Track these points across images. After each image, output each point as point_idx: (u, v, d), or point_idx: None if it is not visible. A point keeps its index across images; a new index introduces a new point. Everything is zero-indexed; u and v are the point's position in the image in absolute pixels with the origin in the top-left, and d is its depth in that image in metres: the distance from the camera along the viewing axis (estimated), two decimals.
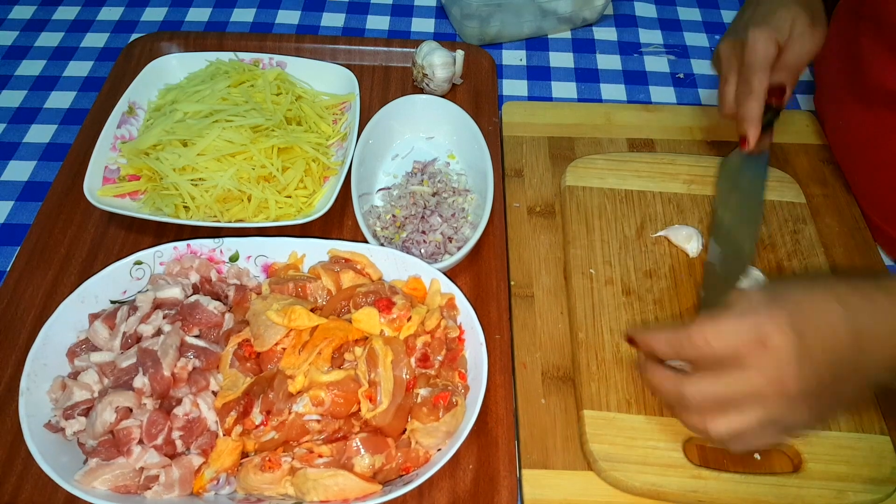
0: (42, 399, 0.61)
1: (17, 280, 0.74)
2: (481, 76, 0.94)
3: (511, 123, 0.90)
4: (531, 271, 0.76)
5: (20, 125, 0.92)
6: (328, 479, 0.56)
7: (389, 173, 0.85)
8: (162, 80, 0.88)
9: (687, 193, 0.81)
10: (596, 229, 0.78)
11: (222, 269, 0.71)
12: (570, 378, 0.69)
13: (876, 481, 0.61)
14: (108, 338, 0.64)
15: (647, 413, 0.65)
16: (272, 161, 0.78)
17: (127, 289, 0.68)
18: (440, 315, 0.65)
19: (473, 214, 0.79)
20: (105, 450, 0.58)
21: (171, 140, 0.77)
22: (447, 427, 0.60)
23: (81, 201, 0.77)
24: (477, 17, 0.99)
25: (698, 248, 0.76)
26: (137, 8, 1.09)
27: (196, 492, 0.58)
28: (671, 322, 0.71)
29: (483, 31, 1.01)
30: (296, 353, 0.61)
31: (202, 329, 0.65)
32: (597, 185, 0.81)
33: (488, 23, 1.00)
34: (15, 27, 1.05)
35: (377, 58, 0.97)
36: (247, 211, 0.76)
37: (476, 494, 0.62)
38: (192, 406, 0.60)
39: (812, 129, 0.90)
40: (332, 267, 0.68)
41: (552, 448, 0.65)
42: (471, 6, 0.98)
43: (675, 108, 0.93)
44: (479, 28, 1.01)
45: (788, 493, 0.61)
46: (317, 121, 0.86)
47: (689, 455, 0.63)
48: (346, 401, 0.60)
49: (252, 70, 0.87)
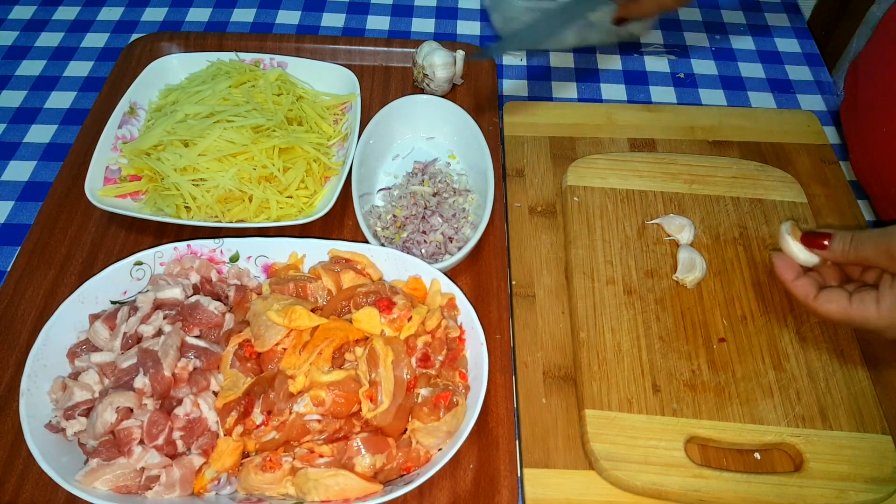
0: (43, 399, 0.61)
1: (17, 280, 0.74)
2: (482, 76, 0.94)
3: (512, 123, 0.90)
4: (532, 271, 0.76)
5: (20, 125, 0.92)
6: (329, 478, 0.56)
7: (390, 173, 0.85)
8: (163, 80, 0.88)
9: (688, 193, 0.81)
10: (597, 229, 0.78)
11: (223, 269, 0.71)
12: (571, 377, 0.69)
13: (877, 481, 0.61)
14: (108, 338, 0.64)
15: (649, 412, 0.65)
16: (273, 161, 0.78)
17: (127, 289, 0.68)
18: (441, 315, 0.65)
19: (474, 214, 0.79)
20: (106, 450, 0.58)
21: (173, 140, 0.77)
22: (448, 427, 0.60)
23: (82, 201, 0.77)
24: (519, 23, 0.95)
25: (690, 239, 0.76)
26: (137, 8, 1.09)
27: (197, 492, 0.58)
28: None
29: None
30: (296, 353, 0.61)
31: (203, 329, 0.65)
32: (598, 184, 0.81)
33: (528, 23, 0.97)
34: (15, 27, 1.05)
35: (377, 58, 0.97)
36: (248, 211, 0.76)
37: (477, 494, 0.62)
38: (193, 406, 0.60)
39: (813, 129, 0.90)
40: (333, 267, 0.68)
41: (553, 447, 0.65)
42: (515, 9, 0.94)
43: (676, 108, 0.93)
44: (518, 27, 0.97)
45: (790, 492, 0.61)
46: (318, 121, 0.86)
47: (691, 454, 0.63)
48: (347, 401, 0.59)
49: (253, 70, 0.87)
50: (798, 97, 0.99)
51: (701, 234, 0.78)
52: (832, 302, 0.54)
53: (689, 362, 0.68)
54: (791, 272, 0.57)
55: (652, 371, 0.67)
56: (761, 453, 0.65)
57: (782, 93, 0.99)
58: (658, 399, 0.66)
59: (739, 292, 0.74)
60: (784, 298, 0.73)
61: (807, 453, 0.63)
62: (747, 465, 0.64)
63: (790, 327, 0.71)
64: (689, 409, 0.65)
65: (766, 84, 1.00)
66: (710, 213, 0.80)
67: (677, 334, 0.70)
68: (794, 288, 0.57)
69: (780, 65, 1.03)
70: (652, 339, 0.70)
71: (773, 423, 0.64)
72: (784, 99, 0.99)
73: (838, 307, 0.54)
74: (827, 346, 0.70)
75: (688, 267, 0.74)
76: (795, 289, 0.57)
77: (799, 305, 0.60)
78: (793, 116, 0.92)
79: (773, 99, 0.99)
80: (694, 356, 0.69)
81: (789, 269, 0.57)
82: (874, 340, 0.70)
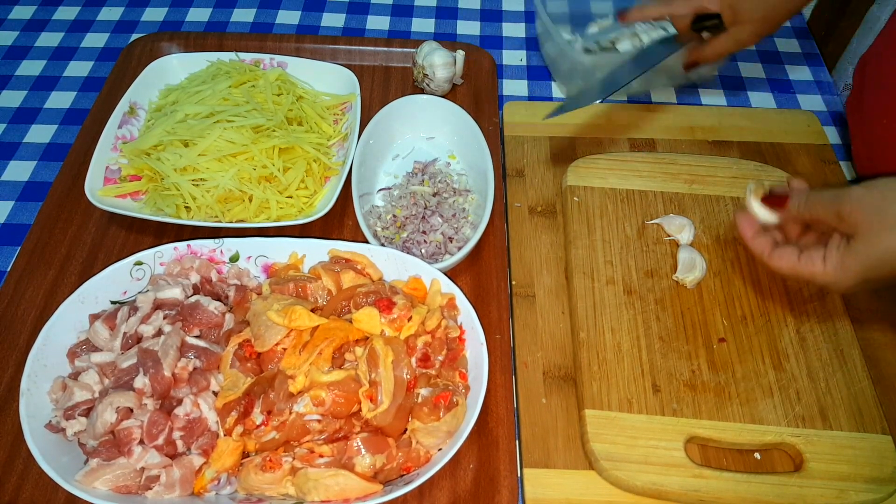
0: (43, 399, 0.61)
1: (17, 280, 0.74)
2: (482, 76, 0.94)
3: (512, 123, 0.90)
4: (532, 271, 0.76)
5: (20, 125, 0.92)
6: (329, 478, 0.56)
7: (390, 173, 0.85)
8: (163, 80, 0.88)
9: (688, 193, 0.81)
10: (597, 229, 0.78)
11: (223, 269, 0.71)
12: (571, 377, 0.69)
13: (877, 481, 0.61)
14: (108, 338, 0.64)
15: (649, 412, 0.65)
16: (273, 161, 0.78)
17: (127, 289, 0.68)
18: (441, 315, 0.65)
19: (474, 214, 0.79)
20: (106, 450, 0.58)
21: (173, 140, 0.77)
22: (448, 427, 0.60)
23: (82, 201, 0.77)
24: (582, 73, 0.91)
25: (690, 239, 0.76)
26: (137, 8, 1.09)
27: (197, 492, 0.58)
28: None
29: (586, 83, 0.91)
30: (296, 353, 0.61)
31: (203, 329, 0.65)
32: (598, 184, 0.81)
33: (593, 74, 0.90)
34: (15, 27, 1.05)
35: (377, 58, 0.97)
36: (248, 211, 0.76)
37: (477, 494, 0.62)
38: (193, 406, 0.60)
39: (813, 129, 0.90)
40: (333, 267, 0.68)
41: (553, 447, 0.65)
42: (578, 62, 0.89)
43: (676, 108, 0.93)
44: (583, 81, 0.92)
45: (790, 492, 0.61)
46: (318, 121, 0.86)
47: (691, 454, 0.63)
48: (347, 401, 0.59)
49: (253, 70, 0.87)
50: (798, 97, 0.99)
51: (701, 234, 0.78)
52: (783, 259, 0.57)
53: (689, 362, 0.68)
54: (751, 230, 0.60)
55: (652, 371, 0.67)
56: (761, 453, 0.65)
57: (782, 93, 0.99)
58: (658, 399, 0.66)
59: (739, 292, 0.74)
60: (784, 298, 0.73)
61: (807, 453, 0.63)
62: (747, 465, 0.64)
63: (790, 327, 0.71)
64: (689, 409, 0.65)
65: (766, 84, 1.01)
66: (710, 213, 0.80)
67: (677, 334, 0.70)
68: (752, 245, 0.60)
69: (780, 65, 1.03)
70: (652, 339, 0.70)
71: (773, 423, 0.64)
72: (784, 99, 0.99)
73: (788, 263, 0.57)
74: (827, 346, 0.70)
75: (688, 267, 0.74)
76: (753, 245, 0.59)
77: (756, 262, 0.64)
78: (793, 116, 0.92)
79: (773, 99, 0.99)
80: (694, 356, 0.69)
81: (749, 226, 0.60)
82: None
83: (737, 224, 0.61)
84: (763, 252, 0.59)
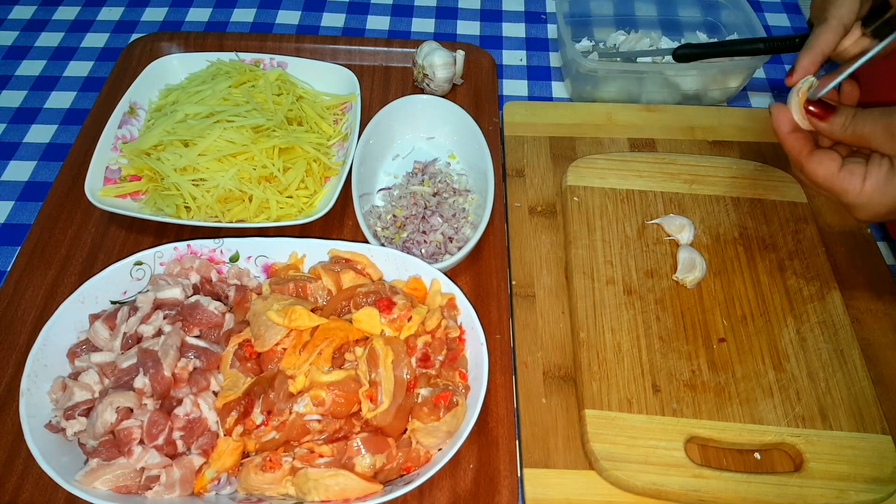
0: (43, 399, 0.61)
1: (17, 280, 0.74)
2: (482, 76, 0.94)
3: (512, 123, 0.90)
4: (532, 271, 0.76)
5: (20, 125, 0.92)
6: (329, 478, 0.56)
7: (390, 173, 0.85)
8: (163, 80, 0.88)
9: (688, 193, 0.81)
10: (597, 229, 0.78)
11: (223, 269, 0.71)
12: (571, 377, 0.69)
13: (877, 481, 0.61)
14: (108, 338, 0.64)
15: (649, 412, 0.65)
16: (273, 161, 0.78)
17: (127, 289, 0.68)
18: (441, 315, 0.65)
19: (474, 214, 0.79)
20: (106, 450, 0.58)
21: (173, 140, 0.77)
22: (448, 427, 0.60)
23: (82, 201, 0.77)
24: (592, 78, 0.92)
25: (690, 239, 0.76)
26: (137, 8, 1.09)
27: (197, 492, 0.58)
28: None
29: (593, 93, 0.95)
30: (296, 353, 0.61)
31: (203, 329, 0.65)
32: (598, 184, 0.81)
33: (604, 85, 0.93)
34: (15, 27, 1.05)
35: (377, 58, 0.97)
36: (248, 211, 0.76)
37: (477, 494, 0.62)
38: (193, 406, 0.60)
39: None
40: (333, 267, 0.68)
41: (553, 447, 0.65)
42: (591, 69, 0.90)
43: (676, 108, 0.93)
44: (591, 90, 0.94)
45: (790, 492, 0.61)
46: (318, 121, 0.86)
47: (691, 454, 0.63)
48: (347, 401, 0.59)
49: (253, 70, 0.87)
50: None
51: (701, 234, 0.78)
52: (822, 164, 0.52)
53: (689, 362, 0.68)
54: (787, 125, 0.54)
55: (652, 371, 0.67)
56: (761, 453, 0.65)
57: (782, 93, 0.99)
58: (658, 399, 0.66)
59: (739, 292, 0.74)
60: (784, 298, 0.73)
61: (807, 453, 0.63)
62: (747, 465, 0.64)
63: (790, 327, 0.71)
64: (689, 409, 0.65)
65: (766, 84, 1.00)
66: (710, 213, 0.80)
67: (677, 334, 0.70)
68: (787, 141, 0.54)
69: (780, 65, 1.03)
70: (652, 339, 0.70)
71: (773, 423, 0.64)
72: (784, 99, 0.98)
73: (826, 171, 0.52)
74: (827, 346, 0.70)
75: (688, 267, 0.74)
76: (788, 142, 0.53)
77: (792, 164, 0.56)
78: None
79: (773, 99, 0.99)
80: (694, 356, 0.69)
81: (786, 121, 0.54)
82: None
83: (771, 116, 0.54)
84: (800, 152, 0.53)
